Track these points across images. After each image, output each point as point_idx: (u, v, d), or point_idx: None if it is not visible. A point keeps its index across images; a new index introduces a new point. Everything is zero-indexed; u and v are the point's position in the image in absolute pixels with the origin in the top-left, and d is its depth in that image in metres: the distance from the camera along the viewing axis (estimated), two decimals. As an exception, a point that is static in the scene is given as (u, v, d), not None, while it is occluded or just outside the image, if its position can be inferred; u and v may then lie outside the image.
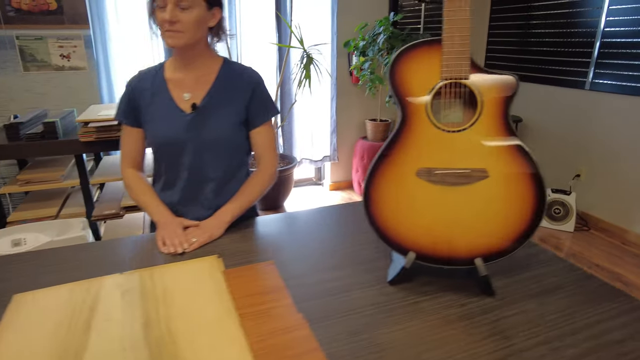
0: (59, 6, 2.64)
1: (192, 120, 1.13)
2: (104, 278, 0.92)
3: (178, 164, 1.16)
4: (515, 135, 0.81)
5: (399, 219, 0.87)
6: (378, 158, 0.86)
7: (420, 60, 0.83)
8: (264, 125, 1.20)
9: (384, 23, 2.97)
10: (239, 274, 0.93)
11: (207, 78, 1.15)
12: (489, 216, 0.83)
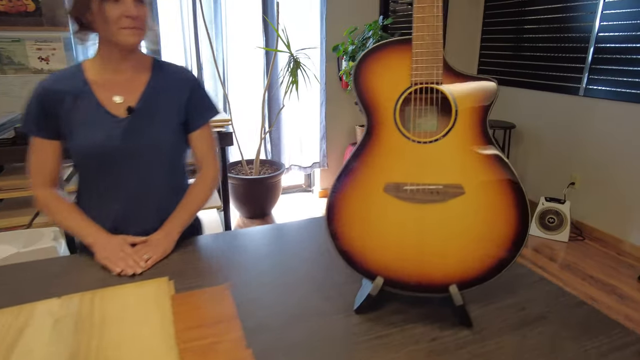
0: (37, 8, 2.55)
1: (129, 126, 1.01)
2: (38, 304, 0.82)
3: (114, 175, 1.03)
4: (494, 146, 0.72)
5: (365, 240, 0.77)
6: (342, 172, 0.77)
7: (388, 62, 0.74)
8: (204, 127, 1.12)
9: (373, 27, 2.89)
10: (189, 299, 0.84)
11: (140, 78, 1.04)
12: (466, 238, 0.74)
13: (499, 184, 0.72)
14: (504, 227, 0.73)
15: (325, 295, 0.84)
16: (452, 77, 0.73)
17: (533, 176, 3.42)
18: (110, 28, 0.93)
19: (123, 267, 0.93)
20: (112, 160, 1.02)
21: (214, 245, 1.05)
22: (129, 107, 1.01)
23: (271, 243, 1.06)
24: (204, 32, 2.75)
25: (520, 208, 0.72)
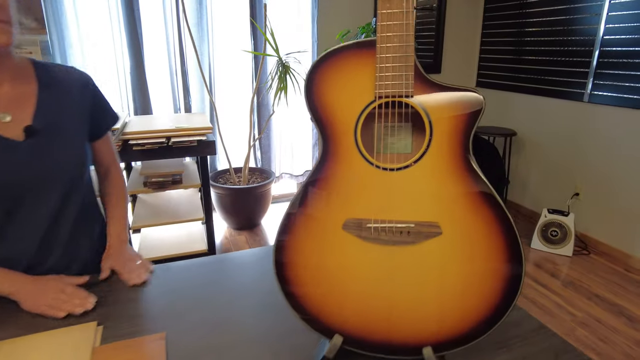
0: (10, 9, 2.42)
1: (33, 149, 0.82)
2: None
3: (22, 210, 0.84)
4: (479, 173, 0.58)
5: (321, 289, 0.63)
6: (293, 202, 0.63)
7: (348, 71, 0.60)
8: (108, 134, 1.02)
9: (366, 29, 2.76)
10: (114, 352, 0.69)
11: (25, 88, 0.85)
12: (444, 289, 0.60)
13: (485, 222, 0.58)
14: (492, 276, 0.58)
15: (275, 351, 0.69)
16: (426, 88, 0.58)
17: (535, 186, 3.26)
18: None
19: (70, 309, 0.79)
20: (17, 193, 0.83)
21: (157, 281, 0.91)
22: (28, 127, 0.82)
23: (219, 280, 0.92)
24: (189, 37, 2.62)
25: (512, 252, 0.58)
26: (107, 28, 2.61)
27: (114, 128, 1.97)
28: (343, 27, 3.02)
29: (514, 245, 0.57)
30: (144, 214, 2.43)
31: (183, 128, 2.18)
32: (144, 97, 2.74)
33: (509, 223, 0.57)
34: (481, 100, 0.57)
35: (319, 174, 0.62)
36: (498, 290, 0.58)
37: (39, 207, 0.86)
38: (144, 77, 2.70)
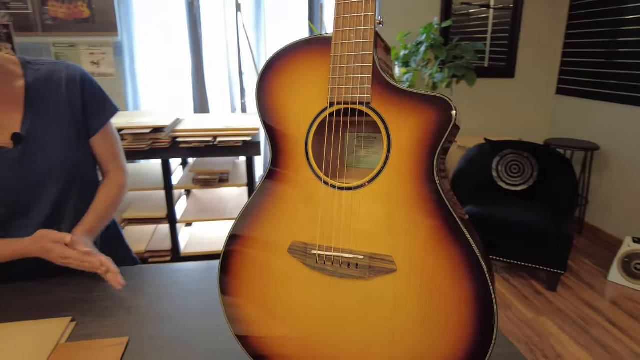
0: (91, 14, 2.65)
1: (21, 157, 0.83)
2: None
3: (15, 214, 0.86)
4: (445, 201, 0.47)
5: (260, 312, 0.56)
6: (243, 213, 0.56)
7: (302, 71, 0.52)
8: (104, 129, 0.96)
9: (427, 30, 2.59)
10: (73, 352, 0.69)
11: (14, 95, 0.83)
12: (394, 336, 0.49)
13: (449, 261, 0.47)
14: (455, 328, 0.47)
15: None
16: (386, 94, 0.49)
17: (619, 209, 2.84)
18: None
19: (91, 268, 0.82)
20: (10, 197, 0.84)
21: (137, 281, 0.90)
22: (15, 135, 0.82)
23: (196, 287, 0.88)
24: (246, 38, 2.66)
25: (481, 300, 0.46)
26: (171, 30, 2.75)
27: (162, 125, 2.05)
28: (404, 28, 2.88)
29: (483, 292, 0.46)
30: (193, 209, 2.51)
31: (230, 128, 2.21)
32: (202, 96, 2.85)
33: (478, 264, 0.45)
34: (451, 108, 0.46)
35: (267, 185, 0.55)
36: (461, 349, 0.47)
37: (36, 206, 0.88)
38: (203, 78, 2.80)
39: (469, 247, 0.46)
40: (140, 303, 0.83)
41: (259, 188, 0.55)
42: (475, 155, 2.60)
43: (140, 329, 0.75)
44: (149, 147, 2.03)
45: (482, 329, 0.46)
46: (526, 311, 2.15)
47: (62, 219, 0.92)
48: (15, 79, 0.85)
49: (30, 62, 0.88)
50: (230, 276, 0.57)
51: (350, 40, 0.49)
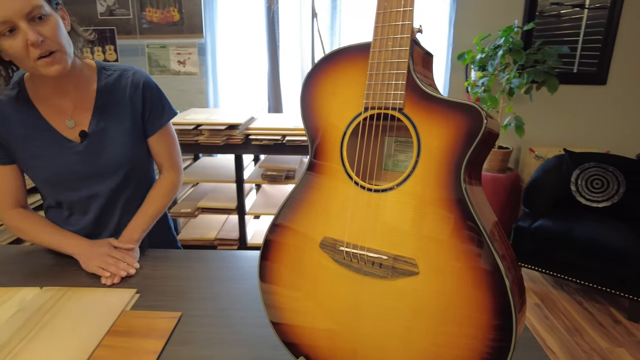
0: (180, 18, 2.90)
1: (86, 150, 0.96)
2: (22, 289, 0.87)
3: (81, 194, 1.00)
4: (471, 210, 0.47)
5: (293, 300, 0.60)
6: (283, 206, 0.61)
7: (343, 78, 0.55)
8: (161, 131, 1.05)
9: (506, 33, 2.47)
10: (136, 318, 0.79)
11: (87, 97, 0.96)
12: (411, 337, 0.51)
13: (470, 270, 0.47)
14: (471, 337, 0.47)
15: (256, 356, 0.68)
16: (419, 101, 0.50)
17: None
18: (25, 64, 0.81)
19: (114, 271, 0.92)
20: (76, 183, 0.98)
21: (195, 264, 0.98)
22: (82, 132, 0.95)
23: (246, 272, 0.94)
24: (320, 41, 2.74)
25: (500, 312, 0.45)
26: (251, 33, 2.91)
27: (237, 123, 2.18)
28: (484, 29, 2.77)
29: (503, 305, 0.45)
30: (261, 202, 2.65)
31: (298, 128, 2.29)
32: (276, 97, 2.98)
33: (500, 276, 0.45)
34: (481, 116, 0.46)
35: (304, 184, 0.59)
36: (479, 350, 0.47)
37: (95, 192, 1.01)
38: (278, 79, 2.93)
39: (491, 258, 0.46)
40: (197, 283, 0.91)
41: (301, 180, 0.59)
42: (553, 166, 2.42)
43: (191, 307, 0.83)
44: (223, 143, 2.18)
45: (500, 341, 0.46)
46: (600, 340, 1.97)
47: (114, 210, 1.05)
48: (90, 84, 0.97)
49: (105, 67, 1.00)
50: (268, 263, 0.62)
51: (387, 48, 0.51)
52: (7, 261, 1.00)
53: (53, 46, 0.81)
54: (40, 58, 0.80)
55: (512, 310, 0.45)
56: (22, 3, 0.75)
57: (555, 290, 2.35)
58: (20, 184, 1.01)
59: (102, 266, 0.92)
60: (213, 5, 2.84)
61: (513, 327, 0.45)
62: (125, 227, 1.04)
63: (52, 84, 0.92)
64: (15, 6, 0.74)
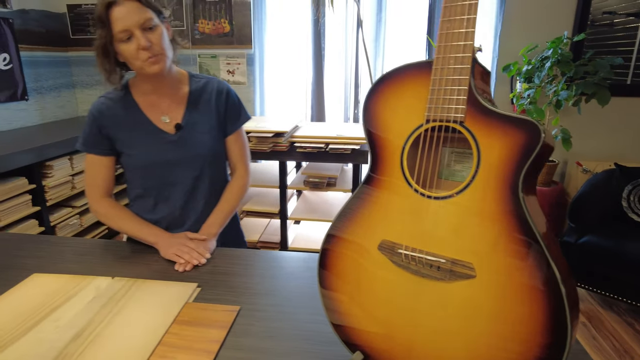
0: (231, 29, 3.04)
1: (179, 141, 1.13)
2: (96, 278, 0.96)
3: (169, 183, 1.15)
4: (528, 219, 0.50)
5: (351, 303, 0.64)
6: (341, 212, 0.66)
7: (405, 92, 0.60)
8: (237, 133, 1.23)
9: (555, 44, 2.42)
10: (198, 310, 0.85)
11: (180, 97, 1.15)
12: (466, 338, 0.54)
13: (526, 276, 0.50)
14: (526, 338, 0.50)
15: (313, 349, 0.73)
16: (479, 115, 0.54)
17: None
18: (134, 64, 1.02)
19: (188, 259, 1.02)
20: (168, 171, 1.14)
21: (251, 262, 1.05)
22: (177, 124, 1.13)
23: (300, 272, 0.99)
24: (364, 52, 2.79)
25: (554, 318, 0.48)
26: (297, 45, 3.00)
27: (283, 131, 2.26)
28: (531, 40, 2.73)
29: (557, 311, 0.48)
30: (302, 208, 2.71)
31: (341, 136, 2.35)
32: (319, 106, 3.05)
33: (556, 284, 0.48)
34: (539, 131, 0.49)
35: (364, 190, 0.63)
36: (533, 353, 0.49)
37: (181, 182, 1.16)
38: (322, 89, 3.01)
39: (548, 266, 0.48)
40: (251, 280, 0.97)
41: (357, 192, 0.64)
42: (602, 181, 2.35)
43: (249, 301, 0.89)
44: (270, 150, 2.27)
45: (552, 348, 0.48)
46: (653, 364, 1.88)
47: (196, 199, 1.18)
48: (183, 86, 1.17)
49: (193, 75, 1.20)
50: (327, 270, 0.67)
51: (449, 66, 0.55)
52: (82, 252, 1.10)
53: (157, 50, 1.00)
54: (147, 60, 0.99)
55: (567, 319, 0.47)
56: (139, 16, 0.98)
57: (603, 309, 2.26)
58: (113, 175, 1.17)
59: (177, 253, 1.03)
60: (262, 17, 2.96)
61: (567, 335, 0.47)
62: (205, 216, 1.18)
63: (152, 84, 1.10)
64: (135, 19, 0.97)
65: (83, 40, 3.34)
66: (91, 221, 2.85)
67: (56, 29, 3.27)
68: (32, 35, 3.03)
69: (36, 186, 2.39)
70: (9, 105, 2.86)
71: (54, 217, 2.55)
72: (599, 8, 2.76)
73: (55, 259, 1.06)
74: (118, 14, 0.97)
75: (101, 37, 1.00)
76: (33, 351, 0.73)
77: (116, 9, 0.97)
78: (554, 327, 0.48)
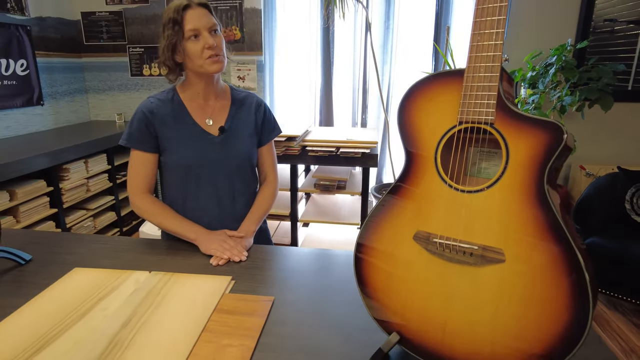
0: (242, 36, 3.12)
1: (221, 143, 1.23)
2: (135, 272, 1.02)
3: (209, 183, 1.23)
4: (552, 207, 0.56)
5: (387, 289, 0.70)
6: (376, 207, 0.72)
7: (438, 97, 0.66)
8: (270, 144, 1.34)
9: (559, 51, 2.50)
10: (235, 300, 0.91)
11: (224, 103, 1.26)
12: (500, 316, 0.60)
13: (550, 258, 0.56)
14: (551, 315, 0.56)
15: (348, 336, 0.79)
16: (507, 117, 0.60)
17: None
18: (196, 62, 1.12)
19: (229, 255, 1.09)
20: (209, 169, 1.22)
21: (280, 258, 1.11)
22: (221, 127, 1.23)
23: (326, 268, 1.05)
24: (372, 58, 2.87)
25: (578, 295, 0.54)
26: (306, 51, 3.08)
27: (295, 135, 2.33)
28: (535, 47, 2.80)
29: (580, 289, 0.54)
30: (312, 211, 2.77)
31: (351, 140, 2.41)
32: (328, 110, 3.12)
33: (578, 264, 0.54)
34: (562, 133, 0.56)
35: (400, 186, 0.69)
36: (557, 331, 0.55)
37: (220, 182, 1.24)
38: (331, 94, 3.08)
39: (572, 252, 0.54)
40: (282, 274, 1.03)
41: (394, 186, 0.70)
42: (605, 184, 2.41)
43: (282, 293, 0.95)
44: (282, 153, 2.33)
45: (576, 320, 0.54)
46: (657, 361, 1.93)
47: (229, 200, 1.26)
48: (226, 95, 1.29)
49: (234, 88, 1.32)
50: (365, 252, 0.73)
51: (480, 74, 0.61)
52: (119, 249, 1.16)
53: (219, 51, 1.14)
54: (209, 58, 1.11)
55: (590, 298, 0.53)
56: (208, 20, 1.12)
57: (608, 310, 2.32)
58: (155, 172, 1.24)
59: (219, 249, 1.10)
60: (272, 24, 3.04)
61: (589, 317, 0.53)
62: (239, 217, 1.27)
63: (202, 87, 1.20)
64: (205, 21, 1.11)
65: (96, 46, 3.41)
66: (105, 223, 2.91)
67: (71, 35, 3.35)
68: (48, 41, 3.11)
69: (53, 189, 2.46)
70: (25, 110, 2.93)
71: (69, 218, 2.61)
72: (601, 15, 2.84)
73: (92, 255, 1.12)
74: (191, 16, 1.10)
75: (171, 36, 1.11)
76: (87, 338, 0.78)
77: (190, 11, 1.11)
78: (578, 299, 0.54)
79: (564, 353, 0.55)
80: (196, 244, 1.15)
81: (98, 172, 2.84)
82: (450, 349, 0.64)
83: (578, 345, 0.54)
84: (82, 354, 0.74)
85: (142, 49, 3.30)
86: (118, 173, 3.10)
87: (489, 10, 0.60)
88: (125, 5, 3.25)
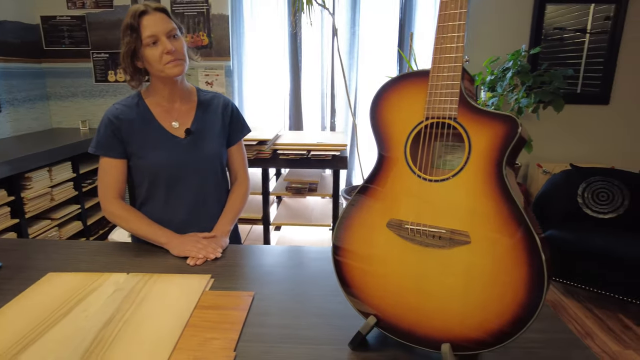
0: (209, 42, 3.12)
1: (189, 145, 1.23)
2: (112, 274, 1.02)
3: (178, 186, 1.23)
4: (511, 192, 0.63)
5: (364, 275, 0.75)
6: (353, 198, 0.77)
7: (406, 96, 0.72)
8: (239, 143, 1.35)
9: (515, 56, 2.66)
10: (215, 297, 0.93)
11: (190, 105, 1.26)
12: (468, 293, 0.65)
13: (511, 238, 0.62)
14: (513, 288, 0.62)
15: (329, 323, 0.83)
16: (468, 112, 0.66)
17: None
18: (156, 67, 1.12)
19: (205, 254, 1.10)
20: (177, 173, 1.22)
21: (258, 256, 1.14)
22: (187, 129, 1.23)
23: (300, 263, 1.09)
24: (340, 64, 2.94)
25: (534, 271, 0.61)
26: (275, 57, 3.12)
27: (266, 139, 2.36)
28: (492, 54, 2.96)
29: (536, 263, 0.60)
30: (284, 214, 2.80)
31: (322, 144, 2.47)
32: (297, 115, 3.16)
33: (534, 241, 0.60)
34: (517, 125, 0.62)
35: (373, 178, 0.74)
36: (516, 305, 0.62)
37: (189, 185, 1.23)
38: (300, 98, 3.13)
39: (529, 231, 0.61)
40: (261, 270, 1.06)
41: (368, 178, 0.75)
42: (560, 180, 2.58)
43: (261, 288, 0.98)
44: (254, 157, 2.35)
45: (534, 290, 0.61)
46: (611, 343, 2.08)
47: (203, 200, 1.26)
48: (192, 97, 1.29)
49: (200, 89, 1.32)
50: (342, 240, 0.77)
51: (443, 73, 0.67)
52: (95, 253, 1.15)
53: (179, 56, 1.13)
54: (169, 63, 1.11)
55: (544, 267, 0.60)
56: (166, 25, 1.12)
57: (565, 297, 2.47)
58: (125, 178, 1.23)
59: (193, 250, 1.11)
60: (240, 30, 3.06)
61: (544, 279, 0.60)
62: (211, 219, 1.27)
63: (166, 91, 1.21)
64: (163, 26, 1.11)
65: (57, 52, 3.32)
66: (70, 233, 2.83)
67: (30, 40, 3.24)
68: (5, 46, 3.00)
69: (15, 198, 2.37)
70: (-18, 117, 2.81)
71: (32, 229, 2.52)
72: (551, 24, 3.05)
73: (67, 260, 1.11)
74: (148, 22, 1.10)
75: (130, 42, 1.11)
76: (71, 335, 0.79)
77: (146, 17, 1.11)
78: (535, 272, 0.60)
79: (522, 324, 0.62)
80: (168, 248, 1.15)
81: (63, 181, 2.76)
82: (424, 328, 0.69)
83: (534, 317, 0.61)
84: (67, 353, 0.74)
85: (107, 55, 3.24)
86: (84, 181, 3.01)
87: (451, 16, 0.66)
88: (88, 10, 3.18)
